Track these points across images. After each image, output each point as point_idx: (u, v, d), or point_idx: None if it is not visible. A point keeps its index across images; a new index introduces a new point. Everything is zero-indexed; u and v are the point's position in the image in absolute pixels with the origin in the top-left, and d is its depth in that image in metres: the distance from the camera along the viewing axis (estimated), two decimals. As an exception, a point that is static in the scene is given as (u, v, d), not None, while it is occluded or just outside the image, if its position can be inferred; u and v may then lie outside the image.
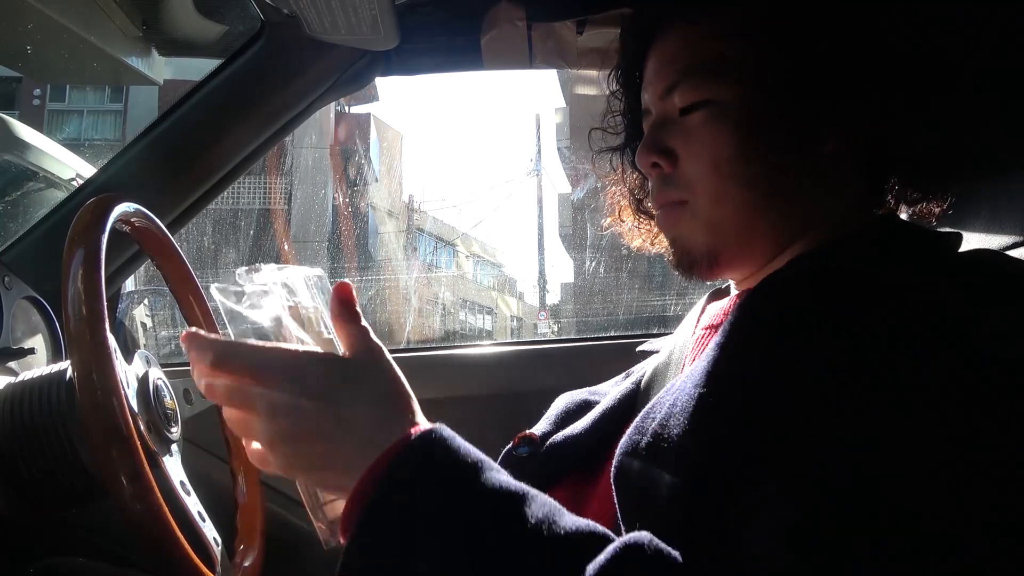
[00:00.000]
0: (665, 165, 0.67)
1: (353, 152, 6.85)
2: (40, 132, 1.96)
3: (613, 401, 0.72)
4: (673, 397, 0.55)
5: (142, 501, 0.54)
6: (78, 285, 0.57)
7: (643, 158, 0.68)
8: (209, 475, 1.09)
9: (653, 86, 0.69)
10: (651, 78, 0.69)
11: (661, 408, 0.56)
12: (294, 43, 1.04)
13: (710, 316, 0.70)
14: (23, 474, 0.65)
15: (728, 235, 0.65)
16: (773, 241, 0.65)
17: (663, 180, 0.67)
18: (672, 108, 0.67)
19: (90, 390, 0.55)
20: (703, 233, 0.65)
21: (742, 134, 0.62)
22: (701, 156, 0.64)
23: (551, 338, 3.36)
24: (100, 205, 0.64)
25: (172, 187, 1.12)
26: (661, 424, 0.54)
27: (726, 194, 0.63)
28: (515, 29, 1.02)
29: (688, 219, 0.66)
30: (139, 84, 5.17)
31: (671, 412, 0.54)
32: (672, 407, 0.54)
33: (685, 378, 0.56)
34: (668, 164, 0.66)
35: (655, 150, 0.67)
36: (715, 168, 0.63)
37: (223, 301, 0.59)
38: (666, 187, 0.67)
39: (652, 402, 0.58)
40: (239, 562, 0.73)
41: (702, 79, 0.64)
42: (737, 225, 0.64)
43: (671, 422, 0.53)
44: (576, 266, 4.08)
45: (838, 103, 0.61)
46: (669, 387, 0.58)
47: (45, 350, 0.96)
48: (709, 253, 0.66)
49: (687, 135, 0.65)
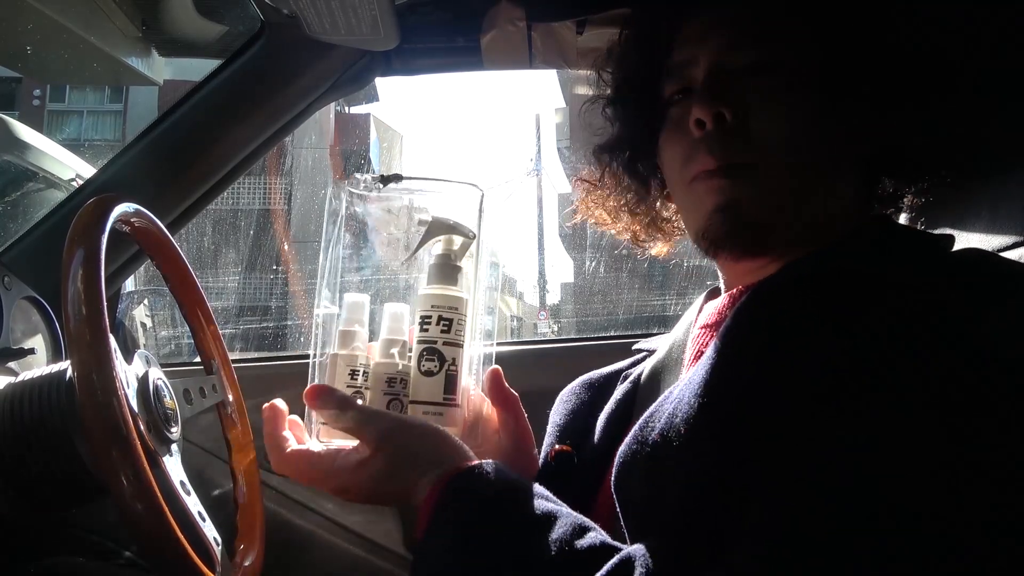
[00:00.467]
0: (731, 119, 0.60)
1: (353, 152, 6.85)
2: (40, 132, 1.96)
3: (613, 404, 0.72)
4: (673, 406, 0.55)
5: (142, 501, 0.54)
6: (78, 285, 0.57)
7: (708, 104, 0.60)
8: (209, 475, 1.09)
9: (712, 38, 0.63)
10: (707, 31, 0.64)
11: (661, 417, 0.55)
12: (294, 43, 1.04)
13: (707, 315, 0.69)
14: (23, 474, 0.65)
15: (786, 209, 0.60)
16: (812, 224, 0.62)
17: (722, 137, 0.60)
18: (736, 62, 0.61)
19: (90, 390, 0.55)
20: (764, 201, 0.60)
21: (814, 104, 0.60)
22: (777, 117, 0.59)
23: (551, 338, 3.35)
24: (100, 205, 0.64)
25: (172, 187, 1.12)
26: (661, 434, 0.54)
27: (797, 163, 0.59)
28: (515, 29, 1.02)
29: (759, 181, 0.59)
30: (139, 84, 5.18)
31: (671, 422, 0.54)
32: (672, 417, 0.54)
33: (684, 386, 0.56)
34: (733, 116, 0.60)
35: (722, 98, 0.60)
36: (791, 133, 0.59)
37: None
38: (727, 146, 0.60)
39: (651, 409, 0.57)
40: (239, 562, 0.73)
41: (775, 40, 0.61)
42: (797, 200, 0.60)
43: (671, 433, 0.53)
44: (576, 266, 4.10)
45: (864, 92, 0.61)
46: (667, 394, 0.58)
47: (45, 350, 0.96)
48: (763, 225, 0.60)
49: (759, 92, 0.60)
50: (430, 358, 0.62)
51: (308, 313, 3.47)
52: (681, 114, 0.64)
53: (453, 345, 0.62)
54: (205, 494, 0.69)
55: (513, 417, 0.68)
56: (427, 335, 0.63)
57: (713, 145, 0.61)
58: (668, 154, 0.67)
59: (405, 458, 0.57)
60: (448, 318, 0.62)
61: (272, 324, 3.22)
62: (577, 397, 0.78)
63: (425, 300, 0.63)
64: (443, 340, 0.62)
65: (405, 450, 0.57)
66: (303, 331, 3.18)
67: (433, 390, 0.62)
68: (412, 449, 0.57)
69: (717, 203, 0.61)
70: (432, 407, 0.62)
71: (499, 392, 0.67)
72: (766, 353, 0.52)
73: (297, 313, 3.52)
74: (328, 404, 0.60)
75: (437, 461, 0.56)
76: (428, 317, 0.62)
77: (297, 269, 3.82)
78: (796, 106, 0.60)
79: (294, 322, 3.46)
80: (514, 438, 0.68)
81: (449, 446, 0.58)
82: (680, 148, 0.64)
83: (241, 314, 3.47)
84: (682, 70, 0.66)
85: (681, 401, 0.54)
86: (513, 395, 0.68)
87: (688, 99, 0.64)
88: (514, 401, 0.68)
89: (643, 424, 0.57)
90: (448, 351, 0.62)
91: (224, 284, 3.52)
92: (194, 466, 0.72)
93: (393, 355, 0.64)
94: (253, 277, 3.67)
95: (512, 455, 0.68)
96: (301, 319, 3.42)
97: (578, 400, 0.77)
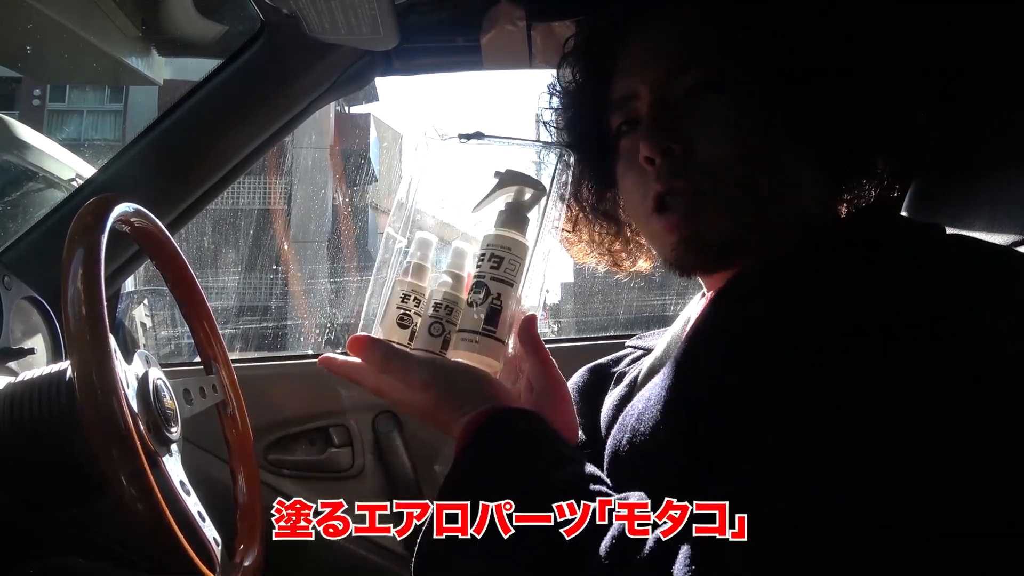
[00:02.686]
0: (679, 150, 0.60)
1: (353, 152, 6.85)
2: (40, 132, 1.96)
3: (610, 407, 0.72)
4: (641, 407, 0.56)
5: (142, 501, 0.54)
6: (78, 285, 0.57)
7: (653, 143, 0.61)
8: (209, 475, 1.09)
9: (651, 68, 0.64)
10: (646, 60, 0.64)
11: (631, 419, 0.57)
12: (294, 43, 1.04)
13: (697, 314, 0.69)
14: (23, 474, 0.65)
15: (750, 225, 0.61)
16: (781, 230, 0.62)
17: (672, 169, 0.61)
18: (677, 90, 0.62)
19: (90, 390, 0.55)
20: (725, 223, 0.60)
21: (761, 117, 0.60)
22: (723, 140, 0.60)
23: (551, 338, 3.33)
24: (100, 205, 0.64)
25: (172, 187, 1.12)
26: (631, 439, 0.56)
27: (750, 180, 0.60)
28: (515, 29, 1.02)
29: (710, 208, 0.60)
30: (139, 84, 5.17)
31: (638, 427, 0.55)
32: (640, 420, 0.55)
33: (651, 388, 0.57)
34: (683, 149, 0.60)
35: (669, 134, 0.60)
36: (740, 153, 0.60)
37: None
38: (677, 176, 0.61)
39: (624, 413, 0.59)
40: (239, 562, 0.73)
41: (714, 59, 0.61)
42: (758, 214, 0.61)
43: (638, 438, 0.54)
44: (576, 266, 4.08)
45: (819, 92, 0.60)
46: (639, 397, 0.59)
47: (45, 350, 0.96)
48: (728, 244, 0.61)
49: (703, 117, 0.60)
50: (477, 291, 0.64)
51: (308, 313, 3.45)
52: (630, 147, 0.65)
53: (500, 281, 0.64)
54: (205, 494, 0.70)
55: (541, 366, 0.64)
56: (479, 270, 0.65)
57: (664, 177, 0.61)
58: (624, 187, 0.69)
59: (448, 399, 0.59)
60: (500, 256, 0.64)
61: (272, 324, 3.22)
62: (576, 399, 0.78)
63: (484, 240, 0.66)
64: (491, 275, 0.64)
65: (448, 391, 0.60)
66: (303, 331, 3.18)
67: (475, 320, 0.64)
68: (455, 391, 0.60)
69: (679, 235, 0.62)
70: (471, 335, 0.64)
71: (528, 339, 0.64)
72: (730, 351, 0.52)
73: (297, 313, 3.52)
74: (373, 355, 0.61)
75: (478, 399, 0.58)
76: (483, 255, 0.65)
77: (297, 269, 3.82)
78: (740, 123, 0.60)
79: (294, 322, 3.46)
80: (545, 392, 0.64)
81: (491, 388, 0.60)
82: (634, 181, 0.66)
83: (241, 314, 3.47)
84: (625, 104, 0.66)
85: (648, 402, 0.55)
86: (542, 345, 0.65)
87: (635, 131, 0.65)
88: (543, 352, 0.65)
89: (618, 427, 0.59)
90: (494, 286, 0.64)
91: (224, 284, 3.51)
92: (194, 466, 0.72)
93: (447, 283, 0.67)
94: (253, 277, 3.67)
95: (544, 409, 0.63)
96: (301, 319, 3.41)
97: (577, 403, 0.77)
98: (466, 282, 0.67)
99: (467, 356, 0.64)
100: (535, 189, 0.66)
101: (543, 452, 0.54)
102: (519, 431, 0.56)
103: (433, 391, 0.60)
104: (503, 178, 0.66)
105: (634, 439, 0.55)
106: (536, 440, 0.55)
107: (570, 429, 0.65)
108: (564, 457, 0.53)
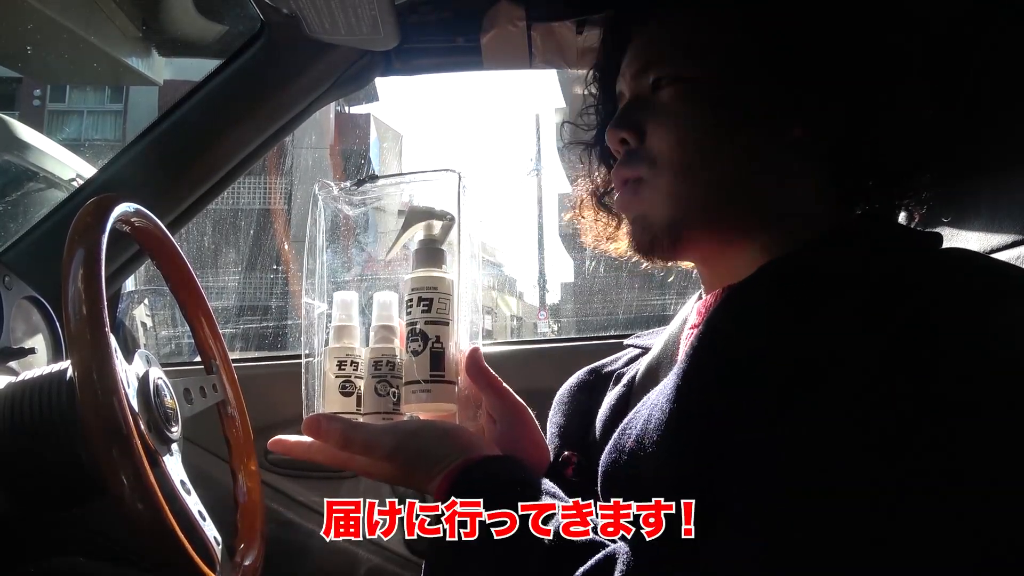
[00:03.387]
0: (632, 140, 0.65)
1: (353, 152, 6.86)
2: (40, 132, 1.96)
3: (608, 408, 0.72)
4: (647, 412, 0.56)
5: (142, 501, 0.54)
6: (78, 285, 0.57)
7: (612, 134, 0.67)
8: (209, 475, 1.09)
9: (628, 69, 0.68)
10: (627, 62, 0.69)
11: (636, 424, 0.56)
12: (294, 43, 1.04)
13: (696, 315, 0.69)
14: (23, 474, 0.65)
15: (691, 211, 0.63)
16: (737, 224, 0.64)
17: (628, 157, 0.66)
18: (645, 88, 0.66)
19: (90, 390, 0.55)
20: (665, 208, 0.64)
21: (710, 111, 0.62)
22: (667, 130, 0.63)
23: (551, 337, 3.34)
24: (100, 205, 0.64)
25: (172, 187, 1.12)
26: (637, 441, 0.55)
27: (689, 169, 0.62)
28: (515, 29, 1.02)
29: (648, 195, 0.64)
30: (139, 84, 5.17)
31: (646, 429, 0.55)
32: (647, 423, 0.55)
33: (659, 392, 0.57)
34: (635, 139, 0.65)
35: (624, 125, 0.66)
36: (679, 142, 0.63)
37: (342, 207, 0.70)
38: (628, 163, 0.66)
39: (629, 416, 0.59)
40: (239, 562, 0.73)
41: (675, 57, 0.64)
42: (701, 201, 0.63)
43: (646, 440, 0.54)
44: (576, 266, 4.09)
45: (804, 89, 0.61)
46: (644, 400, 0.59)
47: (45, 350, 0.96)
48: (671, 229, 0.64)
49: (656, 111, 0.65)
50: (414, 339, 0.63)
51: (308, 313, 3.46)
52: None
53: (436, 323, 0.63)
54: (205, 494, 0.69)
55: (498, 398, 0.66)
56: (410, 317, 0.64)
57: (620, 166, 0.67)
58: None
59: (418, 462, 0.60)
60: (428, 298, 0.64)
61: (272, 324, 3.22)
62: (574, 399, 0.78)
63: (406, 286, 0.65)
64: (424, 320, 0.63)
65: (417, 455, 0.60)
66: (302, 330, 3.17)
67: (420, 369, 0.63)
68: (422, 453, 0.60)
69: (630, 218, 0.68)
70: (419, 385, 0.63)
71: (478, 374, 0.65)
72: (736, 356, 0.52)
73: (297, 313, 3.52)
74: (331, 433, 0.61)
75: (447, 456, 0.59)
76: (410, 300, 0.64)
77: (297, 269, 3.82)
78: (687, 115, 0.63)
79: (294, 322, 3.46)
80: (507, 420, 0.66)
81: (457, 440, 0.60)
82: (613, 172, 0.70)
83: (241, 314, 3.47)
84: (618, 100, 0.71)
85: (655, 407, 0.55)
86: (494, 377, 0.66)
87: None
88: (496, 383, 0.66)
89: (621, 431, 0.58)
90: (431, 329, 0.63)
91: (224, 284, 3.51)
92: (194, 466, 0.72)
93: (381, 340, 0.66)
94: (253, 277, 3.67)
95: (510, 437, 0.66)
96: (301, 319, 3.41)
97: (575, 403, 0.77)
98: (400, 331, 0.67)
99: (421, 407, 0.64)
100: (444, 219, 0.65)
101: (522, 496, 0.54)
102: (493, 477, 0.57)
103: (401, 457, 0.60)
104: (408, 216, 0.66)
105: (639, 445, 0.55)
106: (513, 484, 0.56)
107: (539, 448, 0.68)
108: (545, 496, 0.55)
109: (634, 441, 0.55)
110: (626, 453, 0.56)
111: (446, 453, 0.59)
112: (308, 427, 0.63)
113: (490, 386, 0.65)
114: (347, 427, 0.61)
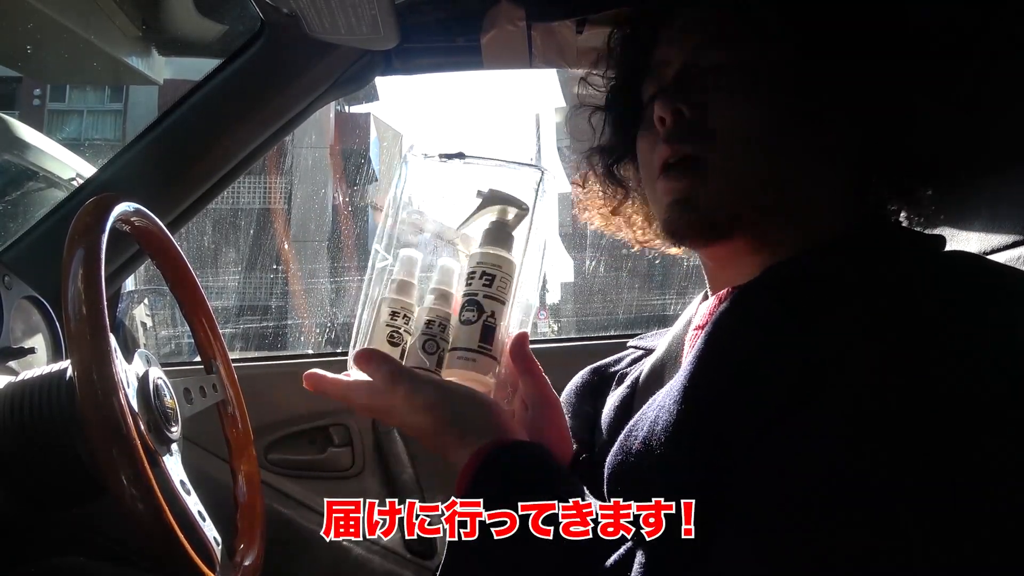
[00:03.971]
0: (689, 113, 0.62)
1: (353, 152, 6.86)
2: (40, 132, 1.96)
3: (611, 409, 0.71)
4: (655, 414, 0.55)
5: (142, 501, 0.54)
6: (78, 285, 0.57)
7: (666, 100, 0.62)
8: (209, 474, 1.09)
9: (685, 38, 0.65)
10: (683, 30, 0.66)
11: (643, 425, 0.56)
12: (294, 43, 1.04)
13: (701, 316, 0.69)
14: (23, 474, 0.65)
15: (744, 199, 0.61)
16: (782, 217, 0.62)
17: (678, 132, 0.62)
18: (703, 62, 0.63)
19: (90, 390, 0.55)
20: (719, 192, 0.61)
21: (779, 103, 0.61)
22: (736, 112, 0.61)
23: (551, 337, 3.32)
24: (100, 205, 0.64)
25: (172, 187, 1.12)
26: (644, 443, 0.55)
27: (752, 156, 0.61)
28: (515, 29, 1.02)
29: (705, 177, 0.61)
30: (139, 84, 5.17)
31: (653, 430, 0.54)
32: (654, 425, 0.55)
33: (666, 393, 0.56)
34: (693, 114, 0.62)
35: (682, 96, 0.62)
36: (748, 127, 0.61)
37: None
38: (681, 139, 0.62)
39: (635, 418, 0.58)
40: (239, 562, 0.73)
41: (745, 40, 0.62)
42: (756, 190, 0.61)
43: (653, 442, 0.54)
44: (576, 266, 4.09)
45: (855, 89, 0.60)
46: (651, 401, 0.58)
47: (45, 350, 0.96)
48: (720, 213, 0.61)
49: (719, 89, 0.62)
50: (470, 308, 0.64)
51: (308, 313, 3.45)
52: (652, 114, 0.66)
53: (493, 299, 0.65)
54: (205, 494, 0.70)
55: (535, 386, 0.67)
56: (470, 288, 0.65)
57: (671, 139, 0.63)
58: (640, 152, 0.70)
59: (452, 424, 0.60)
60: (491, 274, 0.65)
61: (272, 324, 3.22)
62: (579, 400, 0.78)
63: (472, 259, 0.66)
64: (484, 293, 0.65)
65: (453, 417, 0.60)
66: (303, 331, 3.18)
67: (469, 338, 0.64)
68: (460, 417, 0.60)
69: (674, 197, 0.63)
70: (466, 352, 0.64)
71: (522, 358, 0.66)
72: (744, 359, 0.52)
73: (297, 313, 3.52)
74: (378, 370, 0.61)
75: (483, 429, 0.59)
76: (473, 273, 0.66)
77: (297, 268, 3.82)
78: (756, 102, 0.61)
79: (294, 321, 3.46)
80: (539, 409, 0.67)
81: (496, 417, 0.61)
82: (647, 145, 0.67)
83: (241, 314, 3.47)
84: (658, 71, 0.68)
85: (663, 409, 0.54)
86: (535, 363, 0.67)
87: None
88: (536, 370, 0.67)
89: (627, 433, 0.57)
90: (487, 304, 0.64)
91: (224, 283, 3.51)
92: (194, 466, 0.72)
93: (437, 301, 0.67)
94: (253, 276, 3.67)
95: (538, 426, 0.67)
96: (301, 318, 3.41)
97: (579, 404, 0.77)
98: (454, 300, 0.67)
99: (462, 374, 0.64)
100: (518, 208, 0.66)
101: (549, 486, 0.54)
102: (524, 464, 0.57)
103: (437, 413, 0.60)
104: (486, 198, 0.67)
105: (646, 447, 0.55)
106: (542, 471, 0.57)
107: (564, 443, 0.68)
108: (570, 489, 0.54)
109: (641, 443, 0.55)
110: (632, 455, 0.55)
111: (482, 426, 0.59)
112: (359, 358, 0.62)
113: (529, 372, 0.66)
114: (397, 367, 0.62)
